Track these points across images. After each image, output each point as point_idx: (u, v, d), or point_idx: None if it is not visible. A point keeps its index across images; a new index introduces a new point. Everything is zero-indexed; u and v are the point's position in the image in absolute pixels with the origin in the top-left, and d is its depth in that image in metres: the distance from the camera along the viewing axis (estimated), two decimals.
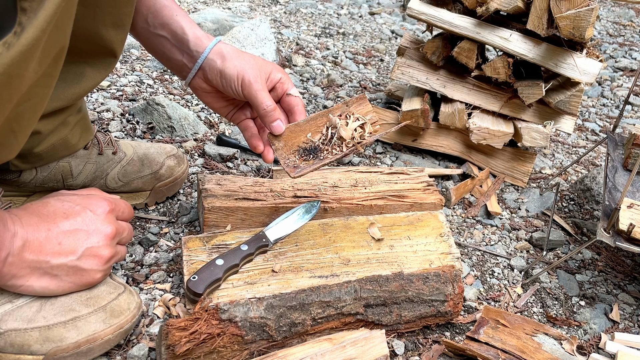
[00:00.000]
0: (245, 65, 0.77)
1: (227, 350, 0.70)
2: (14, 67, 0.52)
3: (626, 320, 0.96)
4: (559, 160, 1.49)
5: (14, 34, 0.51)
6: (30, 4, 0.52)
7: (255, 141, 0.84)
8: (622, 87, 2.05)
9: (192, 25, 0.78)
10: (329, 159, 0.80)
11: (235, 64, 0.77)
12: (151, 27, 0.78)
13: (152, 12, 0.77)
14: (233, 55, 0.78)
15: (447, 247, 0.93)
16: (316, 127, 0.82)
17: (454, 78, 1.30)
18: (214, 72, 0.78)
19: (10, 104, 0.56)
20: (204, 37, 0.79)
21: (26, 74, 0.55)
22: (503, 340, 0.80)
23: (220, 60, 0.78)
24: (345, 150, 0.80)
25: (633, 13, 3.10)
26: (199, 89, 0.83)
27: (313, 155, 0.79)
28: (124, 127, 1.24)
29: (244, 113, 0.86)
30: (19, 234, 0.64)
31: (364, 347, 0.71)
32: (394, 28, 2.39)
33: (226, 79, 0.78)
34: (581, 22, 1.10)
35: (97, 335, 0.69)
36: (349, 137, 0.80)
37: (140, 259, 0.89)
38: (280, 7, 2.44)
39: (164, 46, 0.79)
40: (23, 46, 0.52)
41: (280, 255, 0.86)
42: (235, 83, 0.77)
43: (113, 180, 0.94)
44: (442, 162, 1.36)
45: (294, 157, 0.79)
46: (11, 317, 0.65)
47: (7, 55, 0.51)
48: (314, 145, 0.80)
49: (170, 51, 0.79)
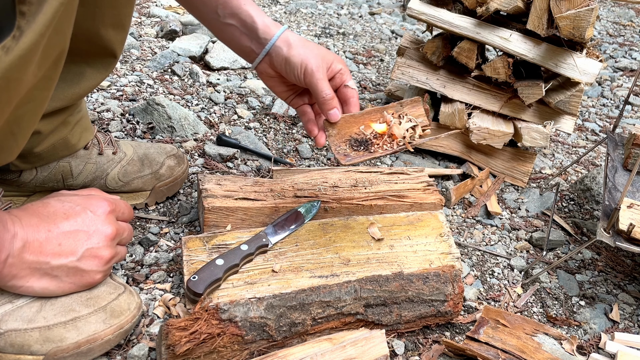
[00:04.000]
0: (309, 54, 0.81)
1: (227, 350, 0.70)
2: (13, 71, 0.52)
3: (626, 320, 0.97)
4: (559, 160, 1.49)
5: (12, 37, 0.51)
6: (29, 7, 0.52)
7: (311, 126, 0.88)
8: (622, 87, 2.05)
9: (260, 14, 0.82)
10: (379, 153, 0.82)
11: (300, 52, 0.81)
12: (221, 17, 0.82)
13: (221, 4, 0.81)
14: (298, 43, 0.82)
15: (447, 247, 0.93)
16: (369, 121, 0.85)
17: (454, 78, 1.30)
18: (280, 58, 0.82)
19: (10, 107, 0.56)
20: (272, 25, 0.82)
21: (25, 78, 0.55)
22: (503, 340, 0.80)
23: (287, 48, 0.81)
24: (395, 147, 0.83)
25: (633, 13, 3.10)
26: (263, 73, 0.87)
27: (364, 147, 0.83)
28: (124, 127, 1.24)
29: (302, 99, 0.90)
30: (19, 235, 0.64)
31: (364, 347, 0.71)
32: (394, 28, 2.39)
33: (290, 66, 0.81)
34: (581, 22, 1.10)
35: (97, 335, 0.69)
36: (401, 136, 0.83)
37: (140, 259, 0.89)
38: (280, 7, 2.44)
39: (233, 34, 0.83)
40: (22, 50, 0.52)
41: (280, 255, 0.86)
42: (299, 70, 0.81)
43: (113, 180, 0.94)
44: (442, 162, 1.36)
45: (344, 145, 0.83)
46: (11, 318, 0.65)
47: (6, 59, 0.51)
48: (365, 138, 0.83)
49: (240, 38, 0.83)
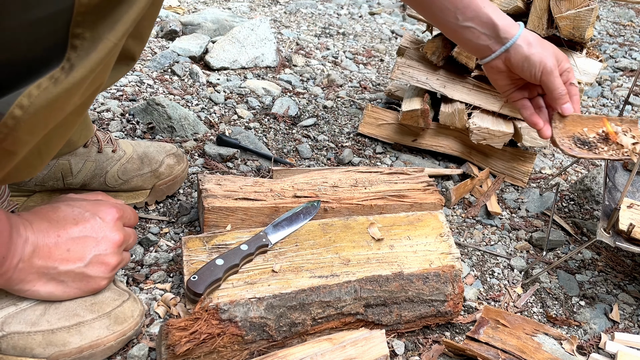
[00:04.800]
0: (547, 53, 0.87)
1: (227, 350, 0.70)
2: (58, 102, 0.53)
3: (626, 320, 0.97)
4: (559, 160, 1.49)
5: (61, 69, 0.52)
6: (81, 42, 0.52)
7: (535, 118, 0.93)
8: (622, 87, 2.05)
9: (498, 14, 0.88)
10: (604, 156, 0.89)
11: (539, 51, 0.87)
12: (460, 21, 0.88)
13: (460, 9, 0.87)
14: (536, 43, 0.87)
15: (447, 247, 0.93)
16: (592, 125, 0.92)
17: (454, 78, 1.30)
18: (519, 56, 0.87)
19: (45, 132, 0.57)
20: (512, 24, 0.88)
21: (67, 108, 0.56)
22: (503, 340, 0.80)
23: (527, 47, 0.87)
24: (620, 155, 0.89)
25: (633, 13, 3.10)
26: (494, 68, 0.92)
27: (587, 147, 0.89)
28: (124, 127, 1.24)
29: (522, 93, 0.95)
30: (30, 240, 0.64)
31: (364, 347, 0.71)
32: (394, 28, 2.39)
33: (529, 64, 0.87)
34: (581, 22, 1.10)
35: (100, 341, 0.69)
36: (627, 146, 0.90)
37: (140, 259, 0.89)
38: (280, 7, 2.44)
39: (471, 34, 0.89)
40: (70, 84, 0.53)
41: (280, 255, 0.86)
42: (537, 69, 0.87)
43: (112, 178, 0.94)
44: (442, 162, 1.36)
45: (568, 140, 0.90)
46: (15, 320, 0.65)
47: (53, 90, 0.52)
48: (587, 140, 0.90)
49: (478, 38, 0.89)
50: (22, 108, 0.51)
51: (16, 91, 0.52)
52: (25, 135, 0.54)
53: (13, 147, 0.55)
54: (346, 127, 1.44)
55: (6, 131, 0.52)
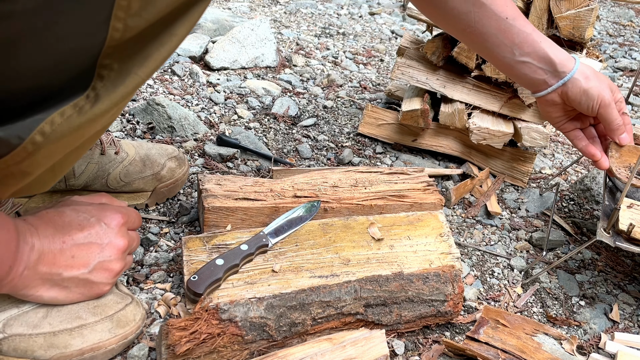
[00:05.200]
0: (603, 86, 0.89)
1: (227, 350, 0.70)
2: (79, 131, 0.53)
3: (626, 320, 0.97)
4: (559, 160, 1.49)
5: (86, 97, 0.52)
6: (109, 73, 0.52)
7: (592, 150, 0.95)
8: (622, 87, 2.05)
9: (555, 49, 0.89)
10: None
11: (596, 84, 0.88)
12: (516, 56, 0.89)
13: (517, 44, 0.88)
14: (592, 76, 0.89)
15: (447, 247, 0.93)
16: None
17: (454, 78, 1.30)
18: (577, 90, 0.89)
19: (62, 155, 0.57)
20: (568, 59, 0.89)
21: (87, 135, 0.57)
22: (503, 340, 0.80)
23: (584, 80, 0.88)
24: None
25: (633, 13, 3.09)
26: (548, 101, 0.93)
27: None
28: (124, 127, 1.24)
29: (574, 124, 0.96)
30: (36, 247, 0.64)
31: (364, 347, 0.71)
32: (394, 28, 2.39)
33: (587, 97, 0.88)
34: (581, 22, 1.10)
35: (101, 344, 0.69)
36: None
37: (141, 259, 0.89)
38: (280, 7, 2.44)
39: (528, 69, 0.90)
40: (94, 115, 0.53)
41: (280, 255, 0.86)
42: (595, 102, 0.88)
43: (115, 180, 0.94)
44: (442, 162, 1.36)
45: (625, 170, 0.94)
46: (16, 322, 0.66)
47: (76, 120, 0.52)
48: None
49: (535, 72, 0.90)
50: (43, 135, 0.51)
51: (39, 115, 0.51)
52: (43, 159, 0.54)
53: (29, 169, 0.55)
54: (346, 127, 1.44)
55: (24, 155, 0.52)
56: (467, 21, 0.87)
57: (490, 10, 0.86)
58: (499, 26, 0.87)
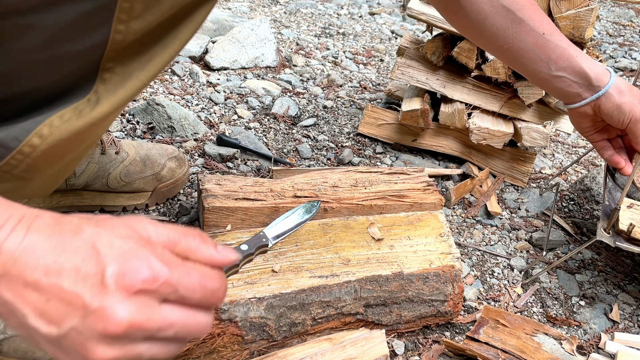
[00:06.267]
0: (636, 101, 0.90)
1: (227, 350, 0.70)
2: (79, 134, 0.52)
3: (626, 320, 0.97)
4: (559, 160, 1.50)
5: (87, 100, 0.51)
6: (111, 76, 0.52)
7: (617, 158, 0.97)
8: None
9: (590, 63, 0.90)
10: None
11: (630, 99, 0.89)
12: (552, 71, 0.90)
13: (553, 59, 0.89)
14: (627, 91, 0.90)
15: (447, 247, 0.93)
16: None
17: (454, 78, 1.30)
18: (610, 104, 0.90)
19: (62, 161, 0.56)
20: (604, 73, 0.90)
21: (87, 139, 0.56)
22: (503, 340, 0.80)
23: (618, 95, 0.89)
24: None
25: (633, 13, 3.10)
26: (580, 112, 0.94)
27: None
28: (124, 127, 1.24)
29: (602, 135, 0.98)
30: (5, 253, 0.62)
31: (364, 347, 0.71)
32: (394, 28, 2.39)
33: (619, 112, 0.89)
34: (581, 22, 1.10)
35: None
36: None
37: None
38: (280, 7, 2.44)
39: (563, 83, 0.91)
40: (94, 119, 0.52)
41: (280, 255, 0.86)
42: (627, 117, 0.90)
43: (115, 180, 0.94)
44: (442, 162, 1.36)
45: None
46: None
47: (76, 123, 0.51)
48: None
49: (569, 86, 0.91)
50: (41, 137, 0.50)
51: (37, 117, 0.50)
52: (42, 164, 0.53)
53: (28, 175, 0.53)
54: (346, 127, 1.44)
55: (21, 158, 0.51)
56: (504, 38, 0.88)
57: (528, 26, 0.86)
58: (537, 42, 0.87)
